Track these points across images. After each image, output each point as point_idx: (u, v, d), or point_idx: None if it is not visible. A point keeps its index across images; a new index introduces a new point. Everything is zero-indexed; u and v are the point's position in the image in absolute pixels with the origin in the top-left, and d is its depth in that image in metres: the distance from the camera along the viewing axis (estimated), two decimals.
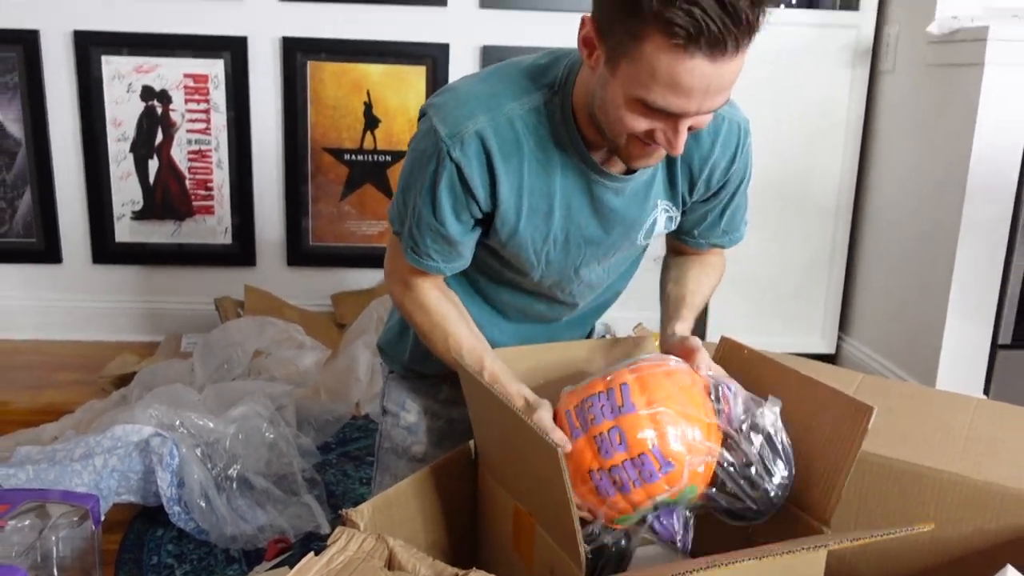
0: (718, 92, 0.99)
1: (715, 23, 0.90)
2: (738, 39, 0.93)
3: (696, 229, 1.35)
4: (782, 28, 2.48)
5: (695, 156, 1.23)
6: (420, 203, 1.17)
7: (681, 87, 0.96)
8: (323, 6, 2.72)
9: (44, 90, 2.73)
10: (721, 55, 0.93)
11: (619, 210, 1.22)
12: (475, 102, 1.15)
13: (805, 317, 2.69)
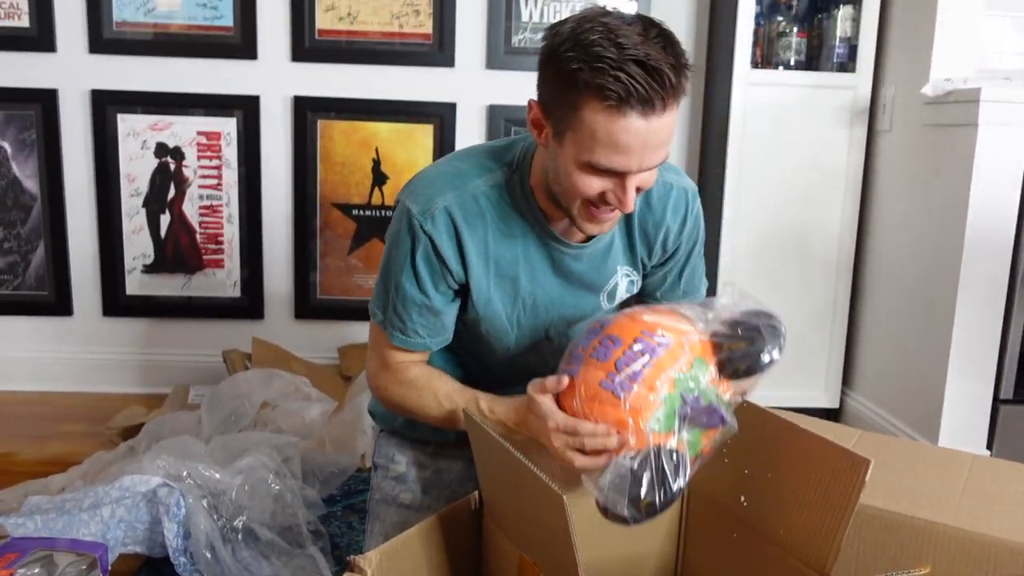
0: (655, 148, 1.09)
1: (641, 85, 1.02)
2: (664, 98, 1.04)
3: (658, 291, 1.42)
4: (782, 89, 2.55)
5: (649, 222, 1.32)
6: (402, 279, 1.27)
7: (620, 145, 1.07)
8: (333, 67, 2.80)
9: (61, 147, 2.80)
10: (651, 112, 1.04)
11: (580, 273, 1.31)
12: (442, 181, 1.26)
13: (808, 372, 2.70)
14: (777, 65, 2.63)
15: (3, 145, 2.79)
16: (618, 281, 1.35)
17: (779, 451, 1.17)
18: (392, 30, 2.78)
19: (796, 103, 2.55)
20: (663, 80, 1.03)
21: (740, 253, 2.62)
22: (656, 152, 1.10)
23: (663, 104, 1.04)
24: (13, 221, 2.83)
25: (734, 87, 2.53)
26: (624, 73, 1.02)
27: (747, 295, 1.16)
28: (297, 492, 1.91)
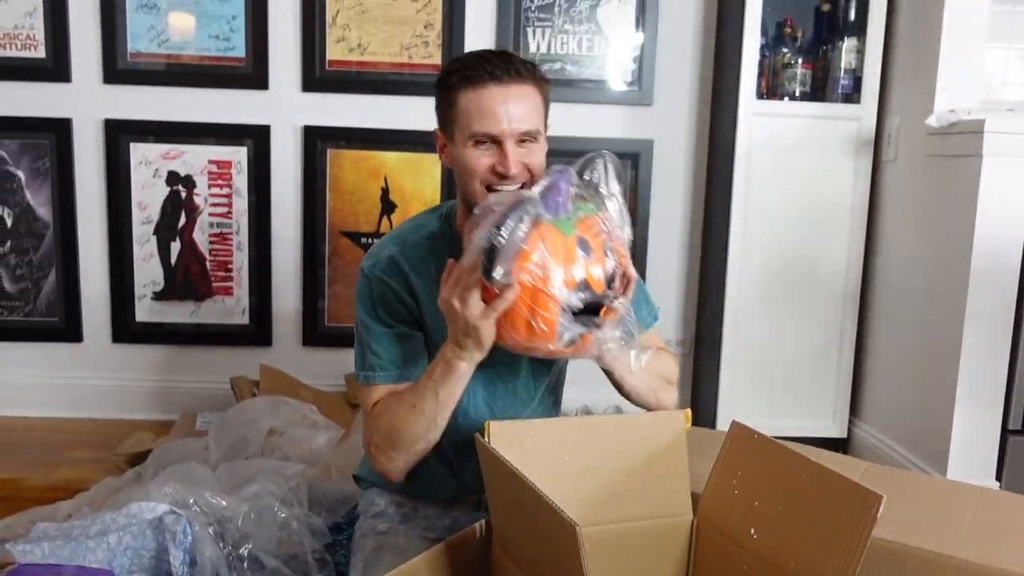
0: (517, 113, 1.33)
1: (494, 66, 1.32)
2: (513, 73, 1.33)
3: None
4: (787, 119, 2.57)
5: None
6: (369, 322, 1.46)
7: (486, 111, 1.32)
8: (343, 96, 2.83)
9: (74, 175, 2.83)
10: (505, 82, 1.32)
11: None
12: (386, 240, 1.53)
13: (816, 401, 2.70)
14: (782, 96, 2.65)
15: (17, 173, 2.82)
16: None
17: (790, 483, 1.17)
18: (402, 61, 2.82)
19: (801, 134, 2.57)
20: (511, 63, 1.33)
21: (747, 284, 2.63)
22: (520, 118, 1.33)
23: (514, 77, 1.33)
24: (25, 248, 2.86)
25: (740, 117, 2.55)
26: (481, 61, 1.33)
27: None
28: (303, 520, 1.91)
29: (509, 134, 1.34)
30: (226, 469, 2.06)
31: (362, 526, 1.61)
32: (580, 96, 2.84)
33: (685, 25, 2.86)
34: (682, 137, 2.90)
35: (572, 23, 2.82)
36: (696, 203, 2.94)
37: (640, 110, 2.87)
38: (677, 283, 3.00)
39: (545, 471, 1.25)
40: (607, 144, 2.82)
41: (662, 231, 2.94)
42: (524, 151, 1.36)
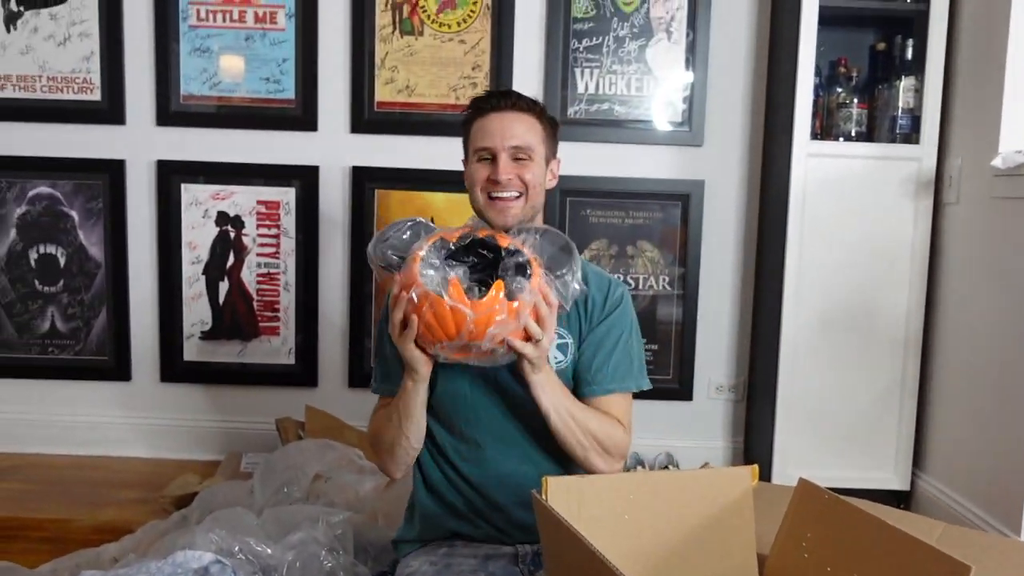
0: (510, 130, 1.53)
1: (496, 98, 1.57)
2: (513, 104, 1.55)
3: (588, 374, 1.58)
4: (843, 160, 2.51)
5: (581, 293, 1.54)
6: (382, 336, 1.60)
7: (487, 131, 1.55)
8: (391, 138, 2.83)
9: (126, 215, 2.86)
10: (505, 110, 1.55)
11: None
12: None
13: (877, 452, 2.60)
14: (837, 136, 2.60)
15: (71, 214, 2.86)
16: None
17: (864, 548, 1.11)
18: (449, 102, 2.82)
19: (858, 175, 2.51)
20: (512, 97, 1.57)
21: (803, 328, 2.55)
22: (513, 134, 1.53)
23: (513, 107, 1.55)
24: (77, 287, 2.89)
25: (794, 159, 2.50)
26: (490, 96, 1.59)
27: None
28: (349, 569, 1.87)
29: (502, 147, 1.53)
30: (271, 515, 2.03)
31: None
32: (629, 137, 2.81)
33: (736, 65, 2.82)
34: (733, 178, 2.85)
35: (621, 63, 2.80)
36: (748, 245, 2.88)
37: (690, 151, 2.83)
38: (728, 327, 2.93)
39: (604, 529, 1.20)
40: (656, 185, 2.81)
41: (712, 273, 2.88)
42: (518, 165, 1.54)
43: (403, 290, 1.38)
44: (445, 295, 1.34)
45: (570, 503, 1.18)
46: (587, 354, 1.58)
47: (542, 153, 1.57)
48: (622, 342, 1.59)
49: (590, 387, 1.57)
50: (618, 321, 1.60)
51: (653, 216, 2.84)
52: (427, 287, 1.35)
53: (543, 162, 1.57)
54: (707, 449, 2.93)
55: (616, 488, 1.21)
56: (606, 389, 1.57)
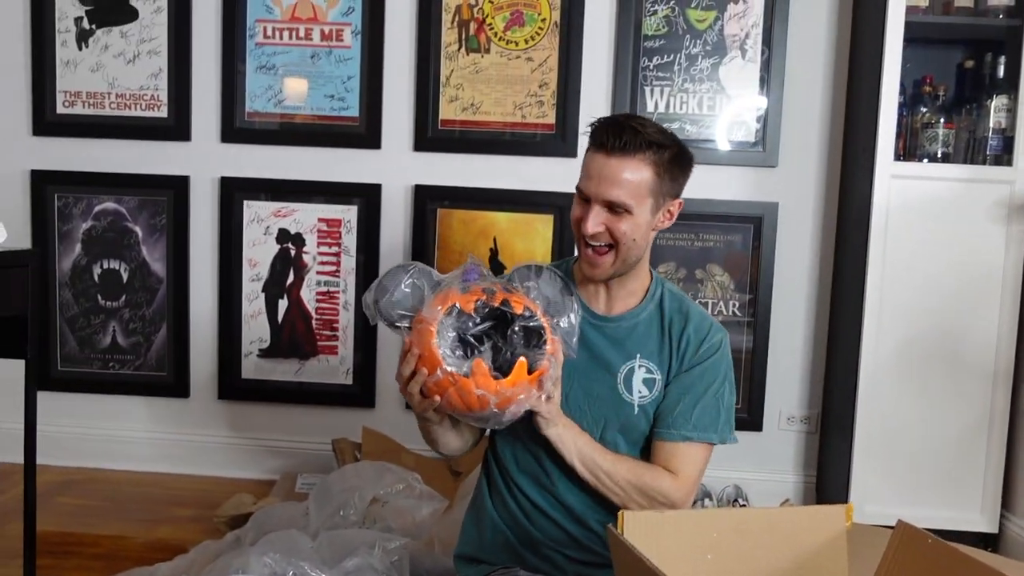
0: (608, 181, 1.41)
1: (608, 136, 1.41)
2: (620, 149, 1.40)
3: (670, 416, 1.48)
4: (929, 183, 2.39)
5: (675, 327, 1.52)
6: None
7: (587, 172, 1.44)
8: (454, 156, 2.79)
9: (189, 232, 2.86)
10: (610, 154, 1.41)
11: (597, 347, 1.51)
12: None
13: (963, 491, 2.44)
14: (921, 158, 2.47)
15: (135, 229, 2.87)
16: (634, 368, 1.50)
17: None
18: (514, 120, 2.77)
19: (945, 198, 2.38)
20: (624, 137, 1.40)
21: (883, 358, 2.42)
22: (610, 186, 1.40)
23: (619, 153, 1.40)
24: (139, 303, 2.89)
25: (876, 181, 2.38)
26: (607, 127, 1.42)
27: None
28: None
29: (595, 197, 1.42)
30: (326, 538, 1.96)
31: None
32: (700, 157, 2.65)
33: (813, 83, 2.72)
34: (809, 200, 2.74)
35: (692, 82, 2.72)
36: (824, 270, 2.76)
37: (764, 172, 2.72)
38: (802, 355, 2.80)
39: (684, 568, 1.10)
40: (728, 207, 2.71)
41: (786, 299, 2.76)
42: (612, 217, 1.42)
43: (419, 360, 1.33)
44: (471, 379, 1.31)
45: (647, 538, 1.09)
46: (672, 396, 1.50)
47: (648, 204, 1.43)
48: (712, 390, 1.50)
49: (667, 430, 1.48)
50: (712, 368, 1.51)
51: (724, 239, 2.74)
52: (452, 370, 1.31)
53: (648, 212, 1.44)
54: (777, 483, 2.80)
55: (698, 524, 1.11)
56: (683, 436, 1.48)
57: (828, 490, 2.64)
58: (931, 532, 1.10)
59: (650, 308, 1.53)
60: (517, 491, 1.54)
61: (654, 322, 1.52)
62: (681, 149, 1.46)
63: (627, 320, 1.52)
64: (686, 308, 1.53)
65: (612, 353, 1.51)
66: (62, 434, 2.91)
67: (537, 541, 1.53)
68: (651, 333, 1.52)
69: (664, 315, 1.53)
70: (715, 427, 1.49)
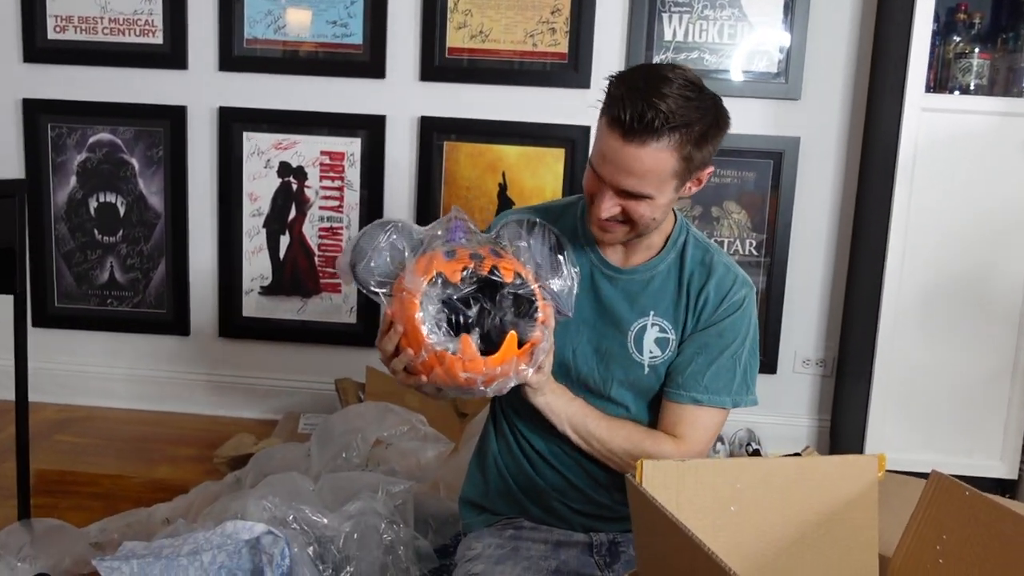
0: (623, 171, 1.23)
1: (631, 116, 1.18)
2: (637, 135, 1.19)
3: (680, 376, 1.38)
4: (961, 116, 2.26)
5: (694, 283, 1.39)
6: None
7: (601, 153, 1.25)
8: (462, 86, 2.67)
9: (187, 164, 2.76)
10: (629, 141, 1.20)
11: (609, 300, 1.40)
12: (526, 207, 1.52)
13: (982, 436, 2.37)
14: (952, 90, 2.35)
15: (131, 161, 2.77)
16: (647, 327, 1.39)
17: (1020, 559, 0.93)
18: (525, 48, 2.64)
19: (978, 133, 2.26)
20: (644, 120, 1.18)
21: (905, 300, 2.33)
22: (625, 176, 1.23)
23: (636, 139, 1.19)
24: (137, 238, 2.80)
25: (905, 114, 2.26)
26: (626, 102, 1.19)
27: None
28: (410, 543, 1.74)
29: (611, 184, 1.26)
30: (328, 481, 1.91)
31: (458, 573, 1.46)
32: (720, 89, 2.51)
33: (840, 11, 2.57)
34: (833, 135, 2.62)
35: (712, 9, 2.58)
36: (846, 208, 2.65)
37: (786, 105, 2.60)
38: (820, 296, 2.71)
39: (706, 520, 1.03)
40: (747, 141, 2.59)
41: (804, 237, 2.66)
42: (629, 201, 1.27)
43: (403, 337, 1.22)
44: (458, 358, 1.19)
45: (668, 489, 1.01)
46: (686, 354, 1.38)
47: (671, 186, 1.26)
48: (729, 352, 1.38)
49: (676, 391, 1.38)
50: (731, 328, 1.38)
51: (742, 175, 2.63)
52: (437, 348, 1.19)
53: (671, 192, 1.27)
54: (791, 427, 2.74)
55: (722, 474, 1.03)
56: (692, 398, 1.37)
57: (843, 434, 2.58)
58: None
59: (670, 259, 1.40)
60: (523, 438, 1.47)
61: (672, 275, 1.40)
62: (714, 119, 1.23)
63: (643, 273, 1.40)
64: (710, 260, 1.40)
65: (624, 308, 1.39)
66: (61, 371, 2.86)
67: (542, 490, 1.46)
68: (667, 287, 1.40)
69: (684, 268, 1.40)
70: (728, 390, 1.38)
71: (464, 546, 1.53)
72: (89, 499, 2.16)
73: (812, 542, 1.09)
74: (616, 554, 1.44)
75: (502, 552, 1.44)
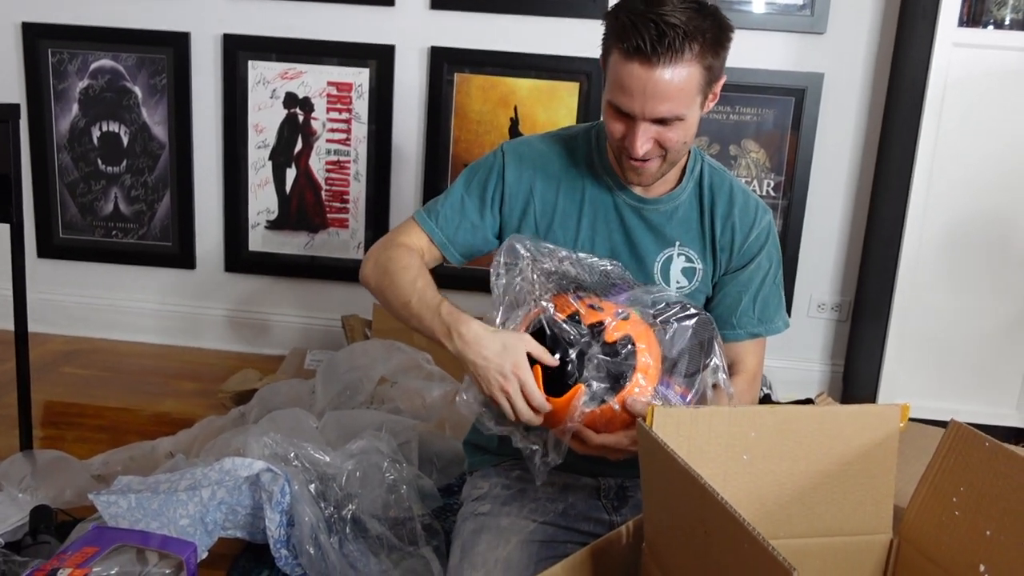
0: (656, 97, 1.19)
1: (646, 40, 1.15)
2: (662, 55, 1.16)
3: (733, 316, 1.41)
4: (995, 52, 2.16)
5: (718, 212, 1.39)
6: (459, 179, 1.44)
7: (625, 88, 1.20)
8: (474, 16, 2.57)
9: (191, 93, 2.69)
10: (652, 64, 1.17)
11: (635, 233, 1.38)
12: (533, 136, 1.47)
13: (998, 385, 2.33)
14: (986, 25, 2.24)
15: (134, 89, 2.70)
16: (673, 257, 1.38)
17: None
18: None
19: (1013, 70, 2.16)
20: (663, 40, 1.15)
21: (926, 245, 2.26)
22: (658, 102, 1.19)
23: (662, 60, 1.16)
24: (141, 169, 2.75)
25: (935, 48, 2.16)
26: (638, 27, 1.15)
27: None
28: (413, 482, 1.73)
29: (642, 116, 1.22)
30: (332, 419, 1.89)
31: (463, 512, 1.46)
32: (741, 21, 2.48)
33: None
34: (858, 71, 2.51)
35: None
36: (868, 148, 2.56)
37: (810, 39, 2.49)
38: (838, 239, 2.64)
39: (717, 469, 1.00)
40: (768, 77, 2.50)
41: (824, 177, 2.58)
42: (662, 128, 1.24)
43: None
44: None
45: (679, 436, 0.98)
46: (731, 295, 1.41)
47: (698, 102, 1.24)
48: (769, 279, 1.42)
49: (732, 331, 1.41)
50: (766, 258, 1.41)
51: (762, 112, 2.54)
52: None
53: (698, 109, 1.25)
54: (803, 371, 2.70)
55: (736, 423, 0.99)
56: (750, 333, 1.42)
57: (856, 380, 2.53)
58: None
59: (690, 187, 1.39)
60: None
61: (693, 204, 1.40)
62: (718, 21, 1.21)
63: (666, 203, 1.38)
64: (728, 186, 1.40)
65: (649, 240, 1.38)
66: (67, 303, 2.84)
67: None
68: (691, 217, 1.39)
69: (703, 194, 1.40)
70: (778, 314, 1.45)
71: (470, 484, 1.51)
72: (94, 431, 2.15)
73: (826, 492, 1.05)
74: (624, 498, 1.41)
75: (509, 493, 1.42)
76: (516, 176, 1.39)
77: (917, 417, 1.62)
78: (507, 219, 1.41)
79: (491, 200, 1.40)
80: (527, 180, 1.39)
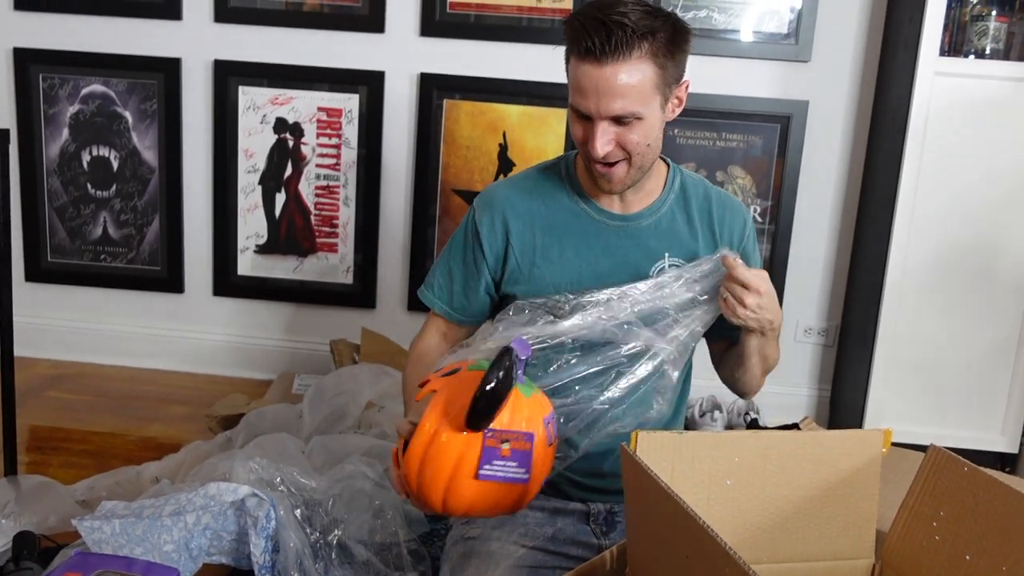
0: (608, 95, 1.21)
1: (594, 39, 1.19)
2: (610, 54, 1.19)
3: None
4: (976, 81, 2.20)
5: (713, 213, 1.42)
6: (444, 250, 1.48)
7: (580, 88, 1.24)
8: (463, 43, 2.60)
9: (181, 118, 2.70)
10: (601, 63, 1.20)
11: (621, 250, 1.38)
12: (500, 181, 1.51)
13: (984, 410, 2.34)
14: (967, 54, 2.28)
15: (125, 115, 2.71)
16: (664, 268, 1.37)
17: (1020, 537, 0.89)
18: (529, 5, 2.56)
19: (993, 99, 2.19)
20: (613, 38, 1.18)
21: (911, 270, 2.28)
22: (611, 99, 1.22)
23: (611, 58, 1.19)
24: (131, 193, 2.76)
25: (918, 77, 2.19)
26: (587, 29, 1.20)
27: None
28: (399, 507, 1.72)
29: (598, 115, 1.24)
30: (319, 443, 1.89)
31: (452, 535, 1.45)
32: (727, 49, 2.52)
33: None
34: (842, 99, 2.55)
35: None
36: (853, 175, 2.59)
37: (795, 67, 2.53)
38: (824, 265, 2.66)
39: (701, 494, 1.00)
40: (754, 104, 2.53)
41: (810, 203, 2.60)
42: (621, 129, 1.26)
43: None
44: None
45: (663, 460, 0.98)
46: None
47: (656, 102, 1.26)
48: (760, 262, 1.51)
49: (735, 331, 1.38)
50: (753, 251, 1.48)
51: (748, 139, 2.57)
52: None
53: (657, 109, 1.27)
54: (790, 396, 2.71)
55: (719, 448, 1.00)
56: None
57: (843, 405, 2.55)
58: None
59: (671, 199, 1.41)
60: None
61: (677, 214, 1.41)
62: (674, 23, 1.25)
63: (648, 216, 1.39)
64: (712, 193, 1.45)
65: (638, 256, 1.38)
66: (54, 327, 2.83)
67: None
68: (676, 226, 1.40)
69: (688, 203, 1.41)
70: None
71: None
72: (80, 456, 2.14)
73: (809, 517, 1.06)
74: (613, 523, 1.41)
75: (497, 519, 1.41)
76: (489, 226, 1.40)
77: (903, 442, 1.63)
78: (493, 271, 1.42)
79: (473, 260, 1.42)
80: (500, 226, 1.40)
